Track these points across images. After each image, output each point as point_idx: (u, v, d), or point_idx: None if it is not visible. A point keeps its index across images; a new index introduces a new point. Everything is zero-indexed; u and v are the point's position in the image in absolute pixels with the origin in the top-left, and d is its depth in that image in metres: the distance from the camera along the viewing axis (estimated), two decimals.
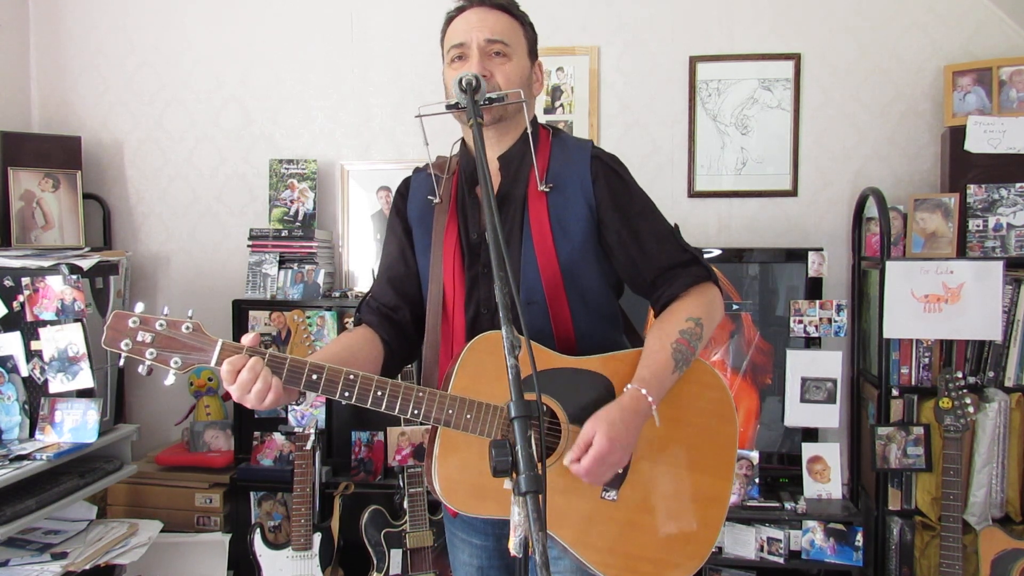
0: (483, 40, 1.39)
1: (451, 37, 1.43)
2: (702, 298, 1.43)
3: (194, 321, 1.28)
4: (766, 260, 2.89)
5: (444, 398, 1.31)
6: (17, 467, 2.28)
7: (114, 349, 1.25)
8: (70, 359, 2.54)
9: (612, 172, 1.46)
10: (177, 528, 2.90)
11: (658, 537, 1.38)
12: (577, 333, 1.43)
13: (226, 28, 3.29)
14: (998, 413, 2.56)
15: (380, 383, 1.28)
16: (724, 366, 2.89)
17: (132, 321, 1.25)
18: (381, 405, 1.28)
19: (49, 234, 3.09)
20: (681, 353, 1.37)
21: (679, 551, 1.39)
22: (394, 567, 2.71)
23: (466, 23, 1.41)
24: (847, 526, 2.62)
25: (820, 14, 3.00)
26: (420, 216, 1.52)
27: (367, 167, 3.23)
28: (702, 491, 1.41)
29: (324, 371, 1.27)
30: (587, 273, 1.45)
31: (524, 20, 1.47)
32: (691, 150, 3.07)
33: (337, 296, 3.04)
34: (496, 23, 1.41)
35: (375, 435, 2.99)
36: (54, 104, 3.38)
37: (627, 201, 1.45)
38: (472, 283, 1.45)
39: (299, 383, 1.27)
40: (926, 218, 2.71)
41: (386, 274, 1.55)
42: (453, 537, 1.61)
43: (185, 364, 1.27)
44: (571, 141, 1.51)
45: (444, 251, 1.46)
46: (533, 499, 0.96)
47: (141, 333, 1.25)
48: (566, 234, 1.42)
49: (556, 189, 1.43)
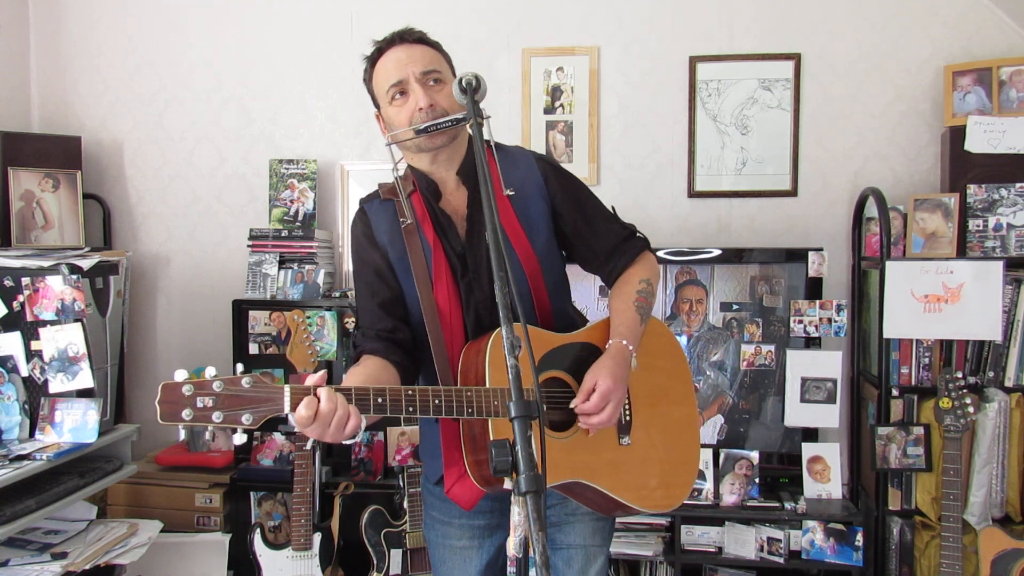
0: (419, 73, 1.49)
1: (385, 78, 1.51)
2: (646, 263, 1.66)
3: (252, 375, 1.26)
4: (766, 260, 2.89)
5: (489, 392, 1.39)
6: (17, 467, 2.28)
7: (175, 422, 1.20)
8: (70, 359, 2.54)
9: (557, 170, 1.65)
10: (177, 528, 2.90)
11: (665, 465, 1.61)
12: (554, 312, 1.62)
13: (226, 28, 3.29)
14: (998, 413, 2.56)
15: (435, 392, 1.35)
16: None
17: (186, 389, 1.21)
18: (441, 411, 1.35)
19: (49, 234, 3.09)
20: (642, 308, 1.59)
21: (679, 472, 1.64)
22: (394, 567, 2.71)
23: (396, 62, 1.50)
24: (847, 526, 2.63)
25: (820, 14, 3.01)
26: (391, 240, 1.58)
27: (367, 167, 3.23)
28: (681, 419, 1.66)
29: (387, 392, 1.31)
30: (554, 262, 1.64)
31: (440, 48, 1.59)
32: (691, 150, 3.07)
33: (337, 296, 3.04)
34: (423, 55, 1.52)
35: (375, 435, 2.99)
36: (54, 104, 3.38)
37: (575, 193, 1.64)
38: (467, 290, 1.55)
39: (369, 409, 1.29)
40: (926, 218, 2.71)
41: (373, 301, 1.59)
42: (430, 518, 1.71)
43: (257, 419, 1.25)
44: (509, 148, 1.64)
45: (434, 266, 1.54)
46: (533, 499, 0.96)
47: (200, 399, 1.21)
48: (535, 230, 1.58)
49: (517, 193, 1.58)
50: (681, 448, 1.65)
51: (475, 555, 1.66)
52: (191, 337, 3.31)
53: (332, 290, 3.09)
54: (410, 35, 1.55)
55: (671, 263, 2.88)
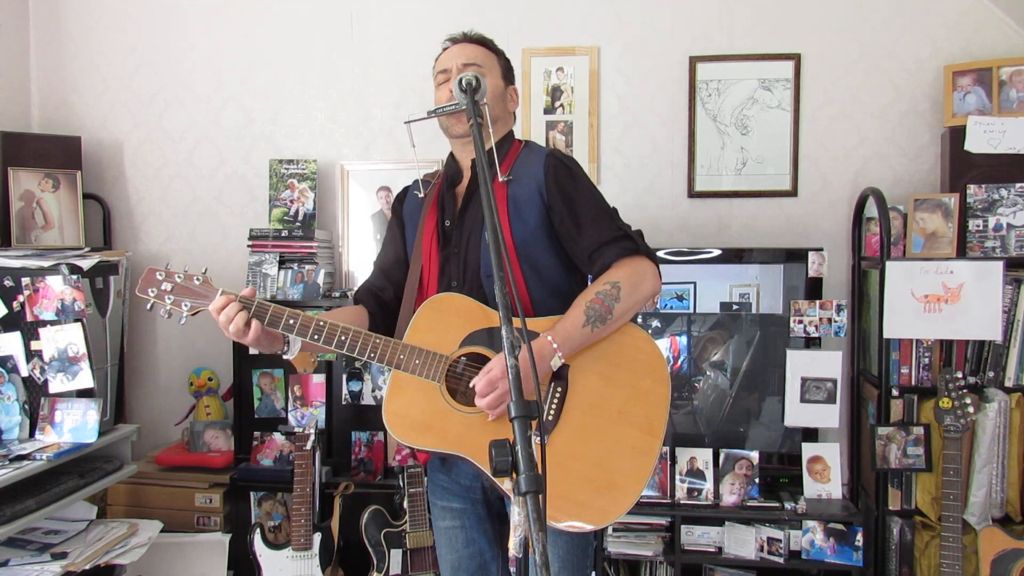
0: (460, 64, 1.72)
1: (439, 65, 1.78)
2: (627, 267, 1.62)
3: (205, 275, 1.62)
4: (766, 260, 2.89)
5: (398, 345, 1.59)
6: (17, 467, 2.28)
7: (143, 296, 1.58)
8: (70, 359, 2.54)
9: (562, 165, 1.71)
10: (177, 528, 2.90)
11: (584, 481, 1.54)
12: (533, 301, 1.66)
13: (226, 28, 3.29)
14: (998, 413, 2.56)
15: (344, 330, 1.58)
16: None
17: (159, 274, 1.59)
18: (344, 347, 1.58)
19: (49, 234, 3.09)
20: (593, 310, 1.57)
21: (603, 495, 1.54)
22: (394, 567, 2.71)
23: (449, 54, 1.77)
24: (847, 526, 2.63)
25: (820, 14, 3.01)
26: (411, 213, 1.84)
27: (367, 167, 3.23)
28: (632, 444, 1.57)
29: (299, 317, 1.58)
30: (541, 251, 1.68)
31: (498, 51, 1.81)
32: (691, 150, 3.07)
33: (337, 296, 3.04)
34: (472, 52, 1.75)
35: (375, 435, 2.99)
36: (54, 104, 3.39)
37: (571, 189, 1.68)
38: (445, 261, 1.73)
39: (278, 326, 1.58)
40: (926, 218, 2.71)
41: (379, 263, 1.88)
42: (434, 507, 1.83)
43: (193, 307, 1.59)
44: (537, 147, 1.79)
45: (424, 236, 1.76)
46: (533, 499, 0.96)
47: (165, 283, 1.59)
48: (520, 217, 1.66)
49: (515, 180, 1.70)
50: (614, 471, 1.55)
51: (460, 534, 1.77)
52: (191, 337, 3.31)
53: (332, 290, 3.08)
54: (470, 37, 1.79)
55: (671, 263, 2.88)
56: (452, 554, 1.77)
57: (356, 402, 3.05)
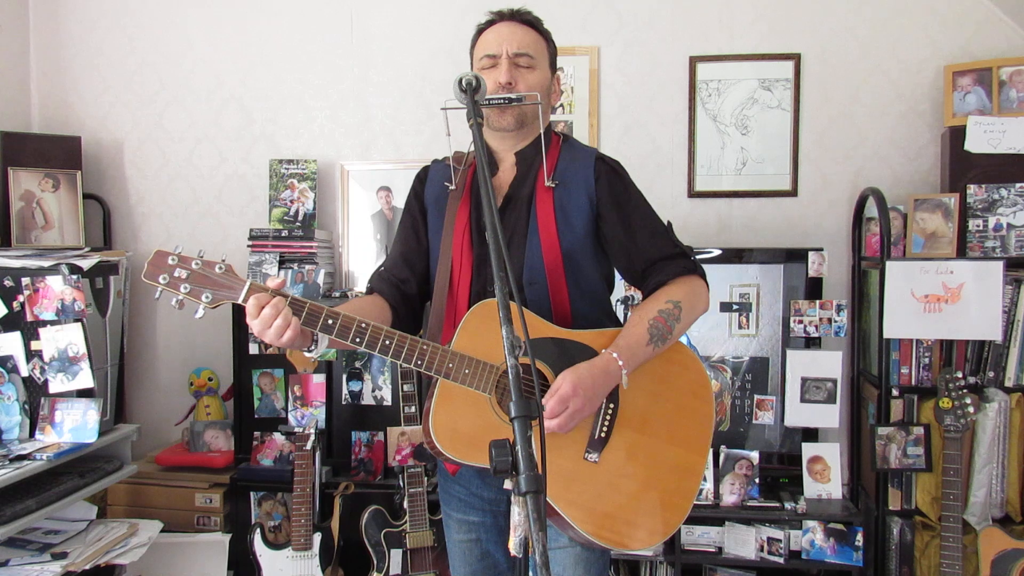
0: (512, 52, 1.57)
1: (483, 47, 1.61)
2: (685, 286, 1.56)
3: (227, 264, 1.38)
4: (766, 260, 2.89)
5: (446, 352, 1.43)
6: (17, 467, 2.28)
7: (152, 283, 1.35)
8: (70, 359, 2.54)
9: (613, 172, 1.62)
10: (177, 528, 2.90)
11: (635, 500, 1.49)
12: (573, 312, 1.57)
13: (226, 28, 3.29)
14: (998, 413, 2.56)
15: (389, 333, 1.40)
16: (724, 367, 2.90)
17: (171, 259, 1.36)
18: (388, 352, 1.40)
19: (49, 234, 3.09)
20: (657, 329, 1.50)
21: (654, 515, 1.50)
22: (394, 567, 2.71)
23: (497, 35, 1.59)
24: (847, 526, 2.62)
25: (820, 14, 3.00)
26: (436, 200, 1.67)
27: (367, 167, 3.23)
28: (679, 463, 1.54)
29: (339, 317, 1.38)
30: (585, 261, 1.59)
31: (548, 36, 1.67)
32: (691, 150, 3.07)
33: (337, 296, 3.04)
34: (524, 37, 1.59)
35: (375, 435, 2.99)
36: (54, 104, 3.39)
37: (625, 199, 1.60)
38: (480, 261, 1.59)
39: (316, 325, 1.38)
40: (926, 218, 2.71)
41: (399, 248, 1.70)
42: (448, 519, 1.72)
43: (215, 299, 1.37)
44: (579, 146, 1.69)
45: (455, 232, 1.60)
46: (533, 499, 0.96)
47: (178, 270, 1.35)
48: (569, 224, 1.57)
49: (561, 185, 1.59)
50: (667, 492, 1.52)
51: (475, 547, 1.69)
52: (191, 337, 3.31)
53: (332, 290, 3.08)
54: (520, 15, 1.63)
55: None
56: (466, 568, 1.71)
57: (356, 402, 3.05)
